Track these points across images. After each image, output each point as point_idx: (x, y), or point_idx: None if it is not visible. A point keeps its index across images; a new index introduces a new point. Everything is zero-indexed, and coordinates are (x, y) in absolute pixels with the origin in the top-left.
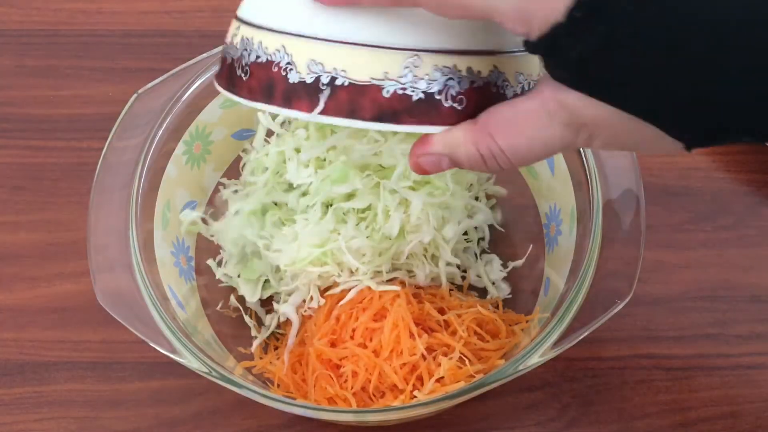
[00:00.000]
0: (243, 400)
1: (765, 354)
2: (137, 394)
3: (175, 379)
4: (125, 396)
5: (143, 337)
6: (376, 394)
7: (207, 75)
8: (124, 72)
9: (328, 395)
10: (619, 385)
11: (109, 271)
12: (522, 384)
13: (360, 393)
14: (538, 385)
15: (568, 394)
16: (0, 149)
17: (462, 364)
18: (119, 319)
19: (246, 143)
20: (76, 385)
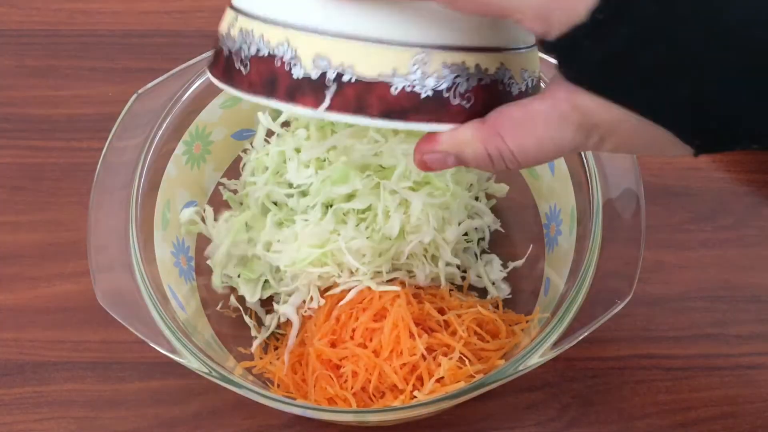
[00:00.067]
0: (243, 400)
1: (765, 354)
2: (137, 394)
3: (175, 379)
4: (125, 396)
5: (143, 337)
6: (376, 394)
7: (207, 75)
8: (124, 72)
9: (328, 395)
10: (619, 385)
11: (109, 271)
12: (522, 384)
13: (360, 393)
14: (538, 385)
15: (568, 394)
16: (0, 149)
17: (462, 364)
18: (119, 319)
19: (246, 143)
20: (76, 385)
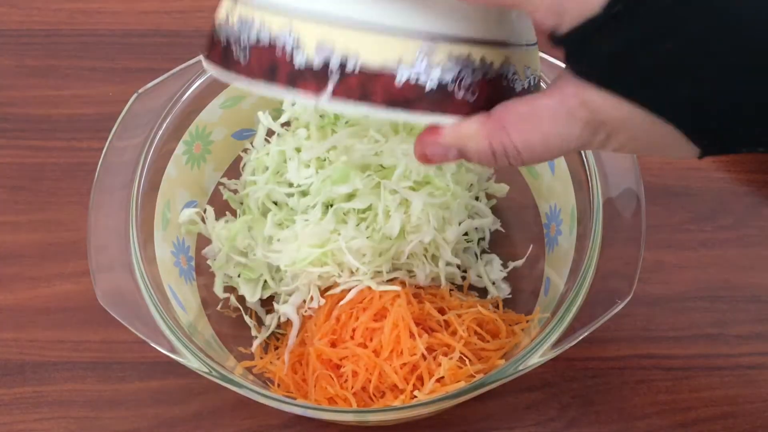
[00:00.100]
0: (243, 400)
1: (765, 354)
2: (137, 394)
3: (175, 379)
4: (125, 396)
5: (143, 337)
6: (376, 394)
7: (207, 75)
8: (124, 72)
9: (328, 395)
10: (619, 385)
11: (109, 271)
12: (522, 384)
13: (360, 393)
14: (538, 385)
15: (568, 394)
16: (0, 149)
17: (462, 364)
18: (119, 319)
19: (246, 143)
20: (76, 385)
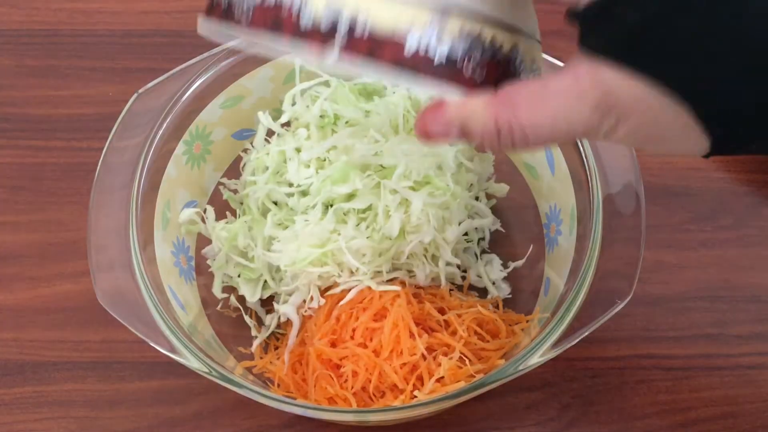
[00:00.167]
0: (243, 400)
1: (765, 354)
2: (137, 394)
3: (175, 379)
4: (125, 396)
5: (143, 337)
6: (376, 394)
7: (207, 75)
8: (124, 72)
9: (328, 395)
10: (619, 385)
11: (109, 271)
12: (522, 384)
13: (360, 393)
14: (538, 385)
15: (568, 394)
16: (0, 149)
17: (462, 364)
18: (119, 319)
19: (246, 143)
20: (76, 385)
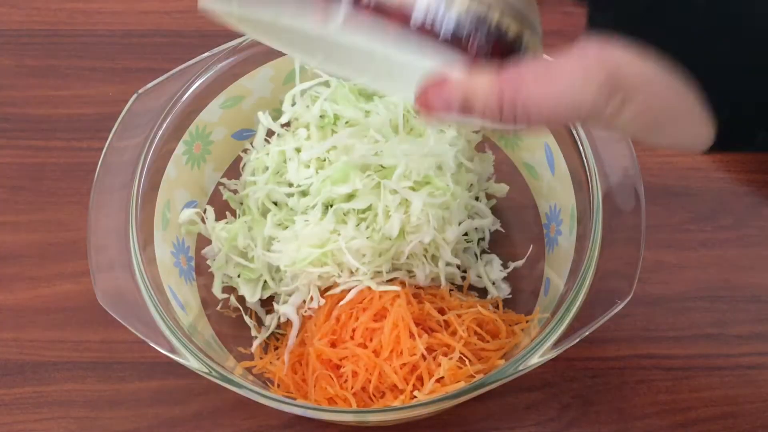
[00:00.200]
0: (243, 400)
1: (765, 354)
2: (137, 394)
3: (175, 379)
4: (125, 396)
5: (143, 337)
6: (376, 394)
7: (207, 75)
8: (124, 72)
9: (328, 395)
10: (619, 385)
11: (109, 271)
12: (522, 384)
13: (360, 393)
14: (538, 385)
15: (568, 394)
16: (0, 149)
17: (462, 364)
18: (119, 319)
19: (246, 143)
20: (76, 385)
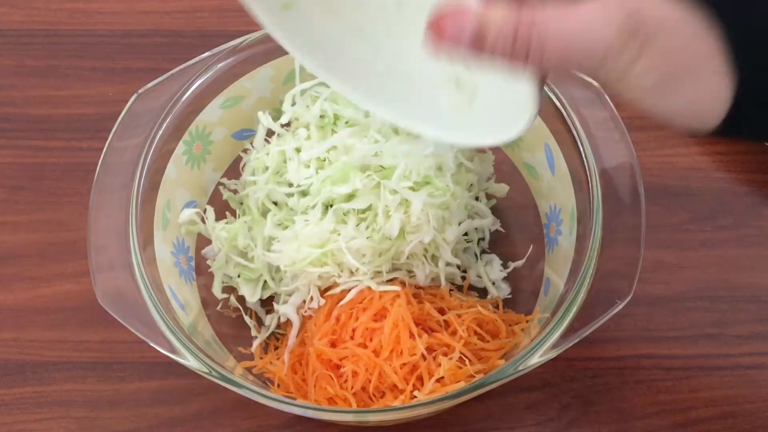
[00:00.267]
0: (243, 400)
1: (765, 354)
2: (137, 394)
3: (175, 379)
4: (125, 396)
5: (143, 337)
6: (376, 394)
7: (207, 75)
8: (124, 72)
9: (328, 395)
10: (619, 385)
11: (109, 271)
12: (522, 384)
13: (360, 393)
14: (538, 385)
15: (568, 394)
16: (0, 149)
17: (462, 364)
18: (119, 319)
19: (246, 143)
20: (76, 385)
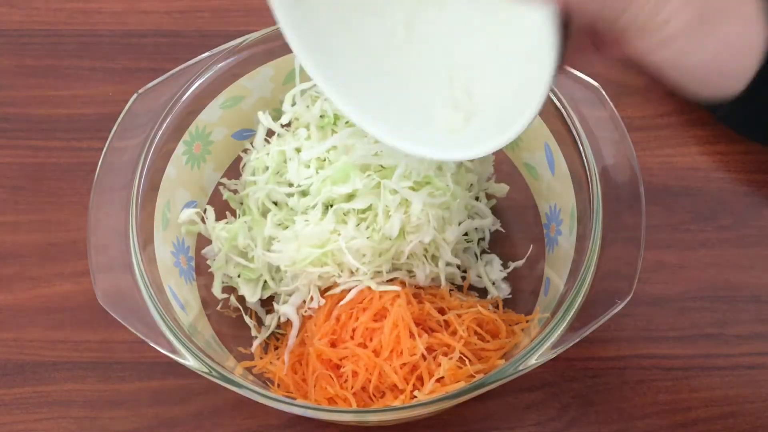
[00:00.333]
0: (243, 400)
1: (765, 354)
2: (137, 394)
3: (175, 379)
4: (125, 396)
5: (143, 337)
6: (376, 394)
7: (207, 75)
8: (124, 72)
9: (328, 395)
10: (619, 385)
11: (109, 271)
12: (522, 384)
13: (360, 393)
14: (538, 385)
15: (568, 394)
16: (0, 149)
17: (462, 364)
18: (119, 319)
19: (246, 143)
20: (76, 385)
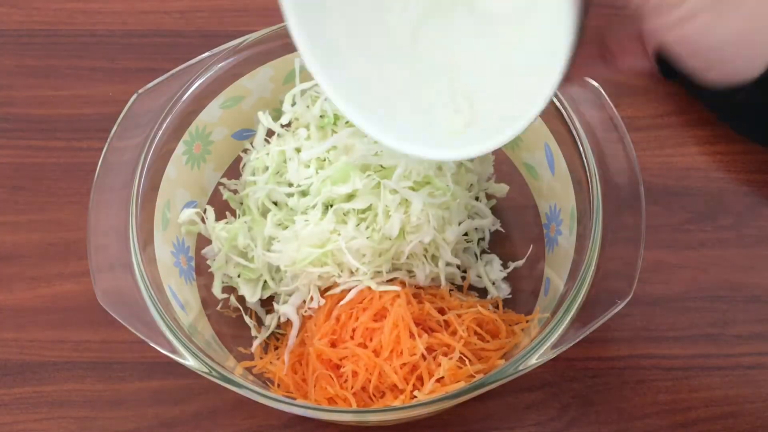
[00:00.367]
0: (243, 400)
1: (765, 354)
2: (137, 394)
3: (175, 379)
4: (125, 396)
5: (143, 337)
6: (376, 394)
7: (207, 75)
8: (124, 72)
9: (328, 395)
10: (619, 385)
11: (109, 271)
12: (522, 384)
13: (360, 393)
14: (538, 385)
15: (568, 394)
16: (0, 149)
17: (462, 364)
18: (119, 319)
19: (246, 143)
20: (76, 385)
